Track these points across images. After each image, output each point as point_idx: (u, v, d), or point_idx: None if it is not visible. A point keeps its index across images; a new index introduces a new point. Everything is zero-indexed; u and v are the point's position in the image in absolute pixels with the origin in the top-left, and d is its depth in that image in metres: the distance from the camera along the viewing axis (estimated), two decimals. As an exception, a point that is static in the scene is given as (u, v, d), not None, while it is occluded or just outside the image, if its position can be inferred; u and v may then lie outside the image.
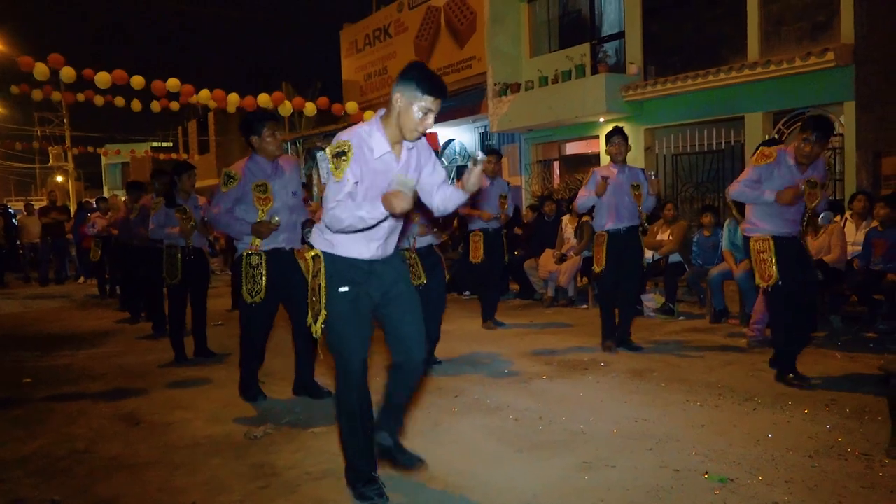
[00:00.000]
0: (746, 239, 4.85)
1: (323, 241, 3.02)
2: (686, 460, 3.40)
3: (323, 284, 2.98)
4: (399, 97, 2.84)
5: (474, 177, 2.86)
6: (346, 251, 2.99)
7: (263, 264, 4.49)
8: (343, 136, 2.89)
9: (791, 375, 4.69)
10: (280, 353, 5.70)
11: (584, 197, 5.81)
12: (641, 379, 4.99)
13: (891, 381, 3.37)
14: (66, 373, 5.94)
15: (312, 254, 3.04)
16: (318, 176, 18.98)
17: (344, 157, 2.81)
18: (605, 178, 5.65)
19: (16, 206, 21.88)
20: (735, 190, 4.77)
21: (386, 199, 2.71)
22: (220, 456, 3.72)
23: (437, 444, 3.76)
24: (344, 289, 2.98)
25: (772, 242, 4.66)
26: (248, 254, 4.51)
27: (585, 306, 8.44)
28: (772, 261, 4.64)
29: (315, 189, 17.97)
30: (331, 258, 3.00)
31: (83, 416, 4.57)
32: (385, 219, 2.85)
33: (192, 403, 4.76)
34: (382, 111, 2.96)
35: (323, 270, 2.99)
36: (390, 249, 3.12)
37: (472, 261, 7.04)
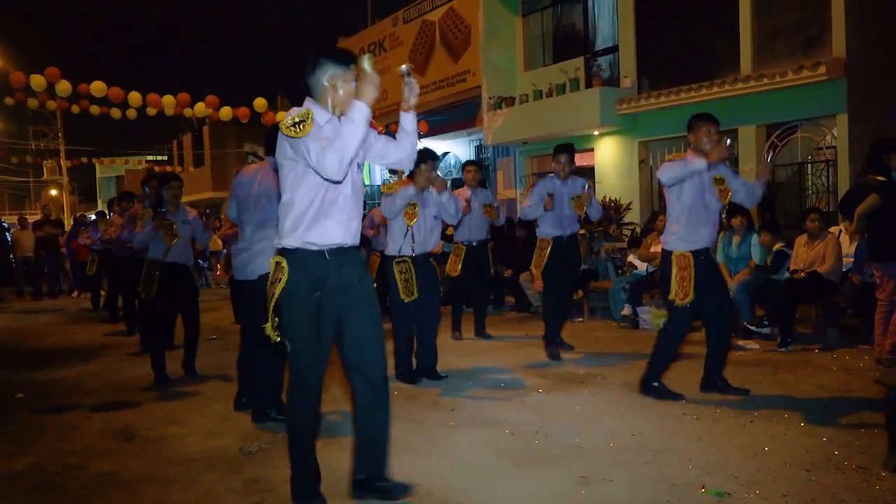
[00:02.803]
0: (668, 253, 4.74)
1: (289, 239, 2.99)
2: (683, 474, 3.39)
3: (277, 294, 2.97)
4: (325, 76, 2.98)
5: (409, 88, 3.05)
6: (312, 238, 2.97)
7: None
8: (294, 109, 2.95)
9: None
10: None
11: (529, 207, 6.16)
12: (637, 392, 4.97)
13: (888, 393, 3.37)
14: (60, 387, 5.90)
15: (275, 260, 3.03)
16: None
17: (304, 123, 2.83)
18: (550, 195, 6.02)
19: (10, 219, 21.79)
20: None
21: (361, 90, 2.84)
22: (215, 471, 3.69)
23: (432, 459, 3.74)
24: (305, 297, 2.97)
25: (692, 259, 4.60)
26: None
27: (580, 319, 8.43)
28: (691, 278, 4.59)
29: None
30: (295, 260, 2.97)
31: (76, 431, 4.54)
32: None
33: (186, 418, 4.73)
34: (308, 98, 3.05)
35: (285, 279, 2.97)
36: (355, 236, 3.11)
37: (449, 273, 7.06)
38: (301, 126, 2.83)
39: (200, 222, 6.26)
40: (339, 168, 2.84)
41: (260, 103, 11.79)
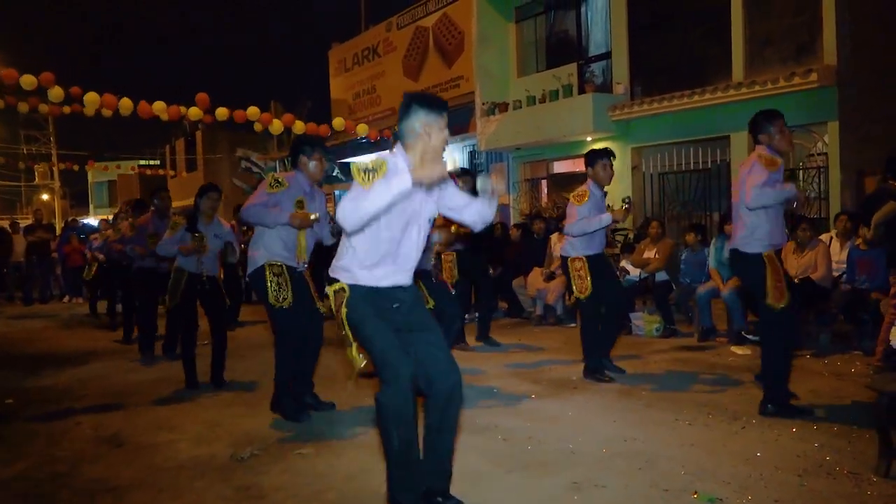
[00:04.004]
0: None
1: (344, 273, 3.06)
2: (676, 480, 3.39)
3: (345, 312, 3.00)
4: (420, 123, 2.99)
5: (497, 186, 3.15)
6: (366, 280, 3.03)
7: (286, 274, 4.63)
8: (377, 156, 3.02)
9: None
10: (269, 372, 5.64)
11: (589, 223, 5.45)
12: (630, 398, 4.98)
13: (878, 399, 3.38)
14: (50, 393, 5.86)
15: (335, 288, 3.05)
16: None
17: (374, 173, 2.85)
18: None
19: (1, 223, 21.61)
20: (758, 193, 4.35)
21: (416, 171, 2.77)
22: (205, 478, 3.67)
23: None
24: (366, 306, 3.01)
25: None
26: (269, 264, 4.62)
27: (574, 325, 8.43)
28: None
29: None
30: (353, 288, 3.03)
31: (66, 438, 4.51)
32: (403, 237, 2.99)
33: (177, 424, 4.71)
34: (399, 144, 3.08)
35: (346, 300, 3.01)
36: (409, 277, 3.16)
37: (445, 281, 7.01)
38: (370, 176, 2.85)
39: (234, 238, 6.14)
40: (353, 223, 2.83)
41: (253, 112, 11.78)
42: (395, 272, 3.07)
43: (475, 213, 3.23)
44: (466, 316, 9.39)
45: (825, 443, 3.84)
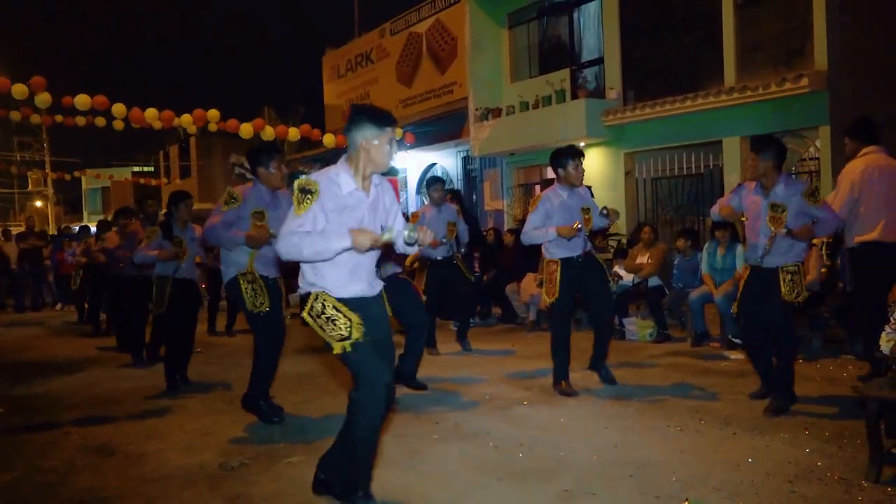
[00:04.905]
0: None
1: (313, 288, 3.13)
2: (666, 487, 3.38)
3: (337, 313, 3.07)
4: (361, 137, 3.05)
5: (422, 236, 3.08)
6: (338, 292, 3.11)
7: (259, 280, 4.67)
8: (313, 177, 3.07)
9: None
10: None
11: (536, 234, 5.34)
12: (622, 404, 4.97)
13: (867, 405, 3.38)
14: (40, 402, 5.82)
15: (313, 295, 3.12)
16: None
17: (309, 196, 2.98)
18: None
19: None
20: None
21: (353, 233, 2.92)
22: (194, 488, 3.64)
23: (414, 473, 3.71)
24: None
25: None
26: (241, 273, 4.66)
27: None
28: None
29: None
30: (326, 296, 3.12)
31: (55, 448, 4.47)
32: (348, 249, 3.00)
33: (166, 433, 4.68)
34: (344, 156, 3.16)
35: (331, 302, 3.08)
36: (376, 287, 3.28)
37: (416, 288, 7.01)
38: (306, 199, 2.97)
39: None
40: (290, 258, 3.05)
41: (246, 129, 11.76)
42: (360, 282, 3.18)
43: (401, 244, 3.22)
44: (455, 325, 9.43)
45: (816, 448, 3.83)
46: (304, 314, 3.13)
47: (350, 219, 3.04)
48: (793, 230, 4.46)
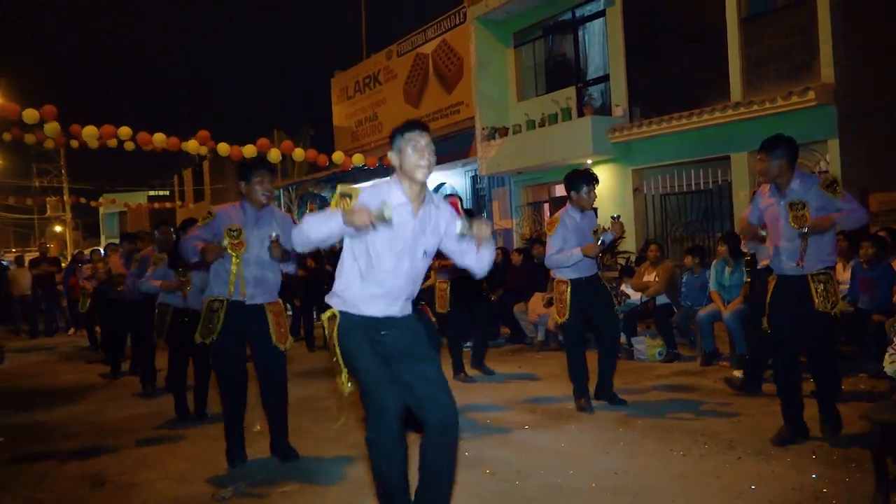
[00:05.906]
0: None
1: (336, 300, 3.09)
2: (664, 516, 3.27)
3: (336, 338, 3.02)
4: (395, 149, 3.02)
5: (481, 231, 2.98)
6: (357, 309, 3.04)
7: (223, 310, 4.38)
8: (360, 186, 3.09)
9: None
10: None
11: (562, 257, 5.34)
12: (626, 427, 4.85)
13: (873, 429, 3.26)
14: (39, 431, 5.80)
15: (328, 314, 3.08)
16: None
17: (347, 200, 2.93)
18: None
19: (10, 257, 21.78)
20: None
21: (349, 212, 2.84)
22: (183, 520, 3.58)
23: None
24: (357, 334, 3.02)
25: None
26: (210, 300, 4.44)
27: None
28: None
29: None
30: (343, 315, 3.05)
31: (49, 478, 4.44)
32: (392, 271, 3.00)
33: (160, 462, 4.62)
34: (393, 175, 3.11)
35: (337, 326, 3.03)
36: (402, 308, 3.13)
37: (438, 310, 6.90)
38: (342, 201, 2.92)
39: None
40: (300, 245, 3.03)
41: (249, 150, 11.82)
42: (387, 303, 3.06)
43: (473, 260, 3.16)
44: (467, 344, 9.29)
45: (822, 473, 3.70)
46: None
47: (388, 232, 2.93)
48: (809, 224, 4.18)
